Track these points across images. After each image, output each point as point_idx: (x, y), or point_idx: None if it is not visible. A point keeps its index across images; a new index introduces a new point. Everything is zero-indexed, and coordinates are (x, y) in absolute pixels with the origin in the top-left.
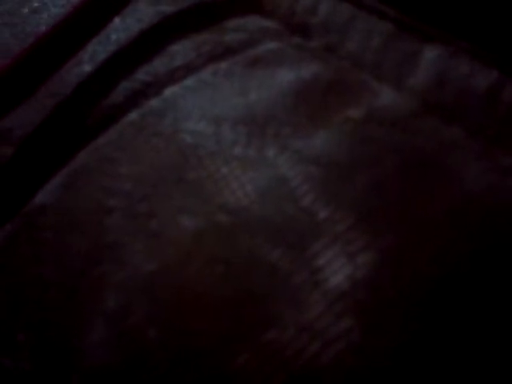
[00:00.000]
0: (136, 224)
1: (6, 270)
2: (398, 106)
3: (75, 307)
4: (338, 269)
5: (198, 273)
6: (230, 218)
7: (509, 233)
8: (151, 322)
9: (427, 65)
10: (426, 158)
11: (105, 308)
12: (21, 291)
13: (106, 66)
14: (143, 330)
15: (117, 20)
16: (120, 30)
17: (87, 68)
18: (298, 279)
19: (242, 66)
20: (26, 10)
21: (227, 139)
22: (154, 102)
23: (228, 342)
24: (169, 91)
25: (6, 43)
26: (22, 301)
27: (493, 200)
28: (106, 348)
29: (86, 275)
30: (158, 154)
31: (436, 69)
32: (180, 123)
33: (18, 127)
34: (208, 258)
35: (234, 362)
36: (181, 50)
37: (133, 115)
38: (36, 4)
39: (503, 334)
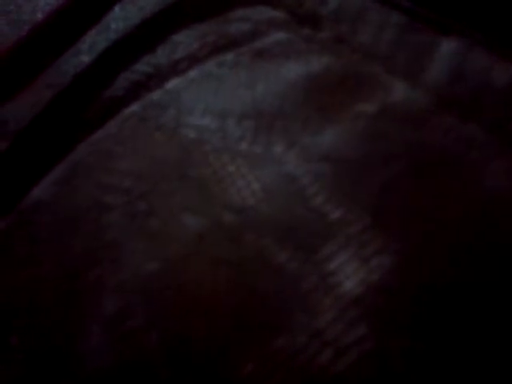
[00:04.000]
0: (135, 222)
1: (0, 270)
2: (412, 102)
3: (72, 310)
4: (351, 273)
5: (200, 274)
6: (235, 217)
7: None
8: (151, 326)
9: (443, 58)
10: (441, 155)
11: (103, 311)
12: (15, 292)
13: (106, 57)
14: (143, 335)
15: (117, 8)
16: (120, 18)
17: (86, 58)
18: (308, 283)
19: (249, 57)
20: None
21: (233, 135)
22: (155, 95)
23: (234, 348)
24: (171, 83)
25: (1, 31)
26: (16, 302)
27: None
28: (103, 353)
29: (84, 276)
30: (160, 149)
31: (452, 63)
32: (183, 117)
33: (13, 120)
34: (211, 259)
35: (240, 369)
36: (184, 41)
37: (133, 108)
38: None
39: None
